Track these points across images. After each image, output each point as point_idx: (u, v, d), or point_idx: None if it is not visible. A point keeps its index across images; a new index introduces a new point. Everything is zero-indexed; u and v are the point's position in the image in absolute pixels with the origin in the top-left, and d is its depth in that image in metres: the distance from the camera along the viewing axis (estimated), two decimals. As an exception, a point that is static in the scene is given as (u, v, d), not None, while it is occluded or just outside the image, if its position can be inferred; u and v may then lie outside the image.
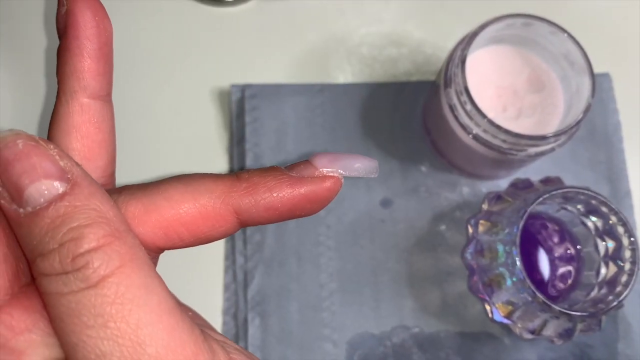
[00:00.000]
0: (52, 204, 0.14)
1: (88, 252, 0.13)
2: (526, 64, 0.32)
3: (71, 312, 0.13)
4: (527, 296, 0.27)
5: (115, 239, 0.14)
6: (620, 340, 0.32)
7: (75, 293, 0.13)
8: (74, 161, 0.15)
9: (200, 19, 0.37)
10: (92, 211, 0.14)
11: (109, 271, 0.13)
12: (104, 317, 0.13)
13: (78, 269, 0.13)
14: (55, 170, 0.14)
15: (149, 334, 0.14)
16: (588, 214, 0.30)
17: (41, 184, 0.14)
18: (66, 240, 0.14)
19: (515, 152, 0.30)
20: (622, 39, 0.38)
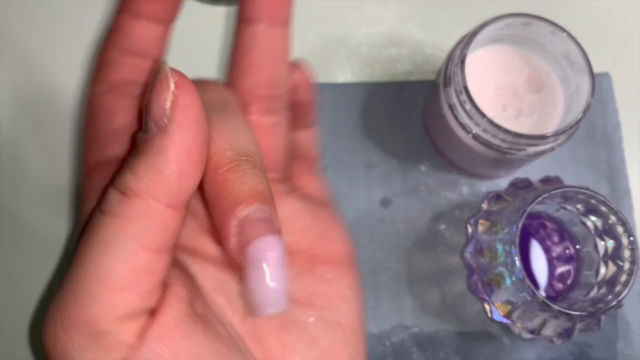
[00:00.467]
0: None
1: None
2: (526, 63, 0.32)
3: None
4: (526, 296, 0.27)
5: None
6: (620, 339, 0.32)
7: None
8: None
9: (200, 18, 0.37)
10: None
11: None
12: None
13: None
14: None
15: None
16: (587, 214, 0.30)
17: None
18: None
19: (515, 152, 0.30)
20: (622, 39, 0.38)
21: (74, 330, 0.15)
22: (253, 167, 0.17)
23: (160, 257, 0.16)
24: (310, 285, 0.20)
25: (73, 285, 0.16)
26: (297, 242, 0.20)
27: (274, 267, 0.16)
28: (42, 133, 0.34)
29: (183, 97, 0.15)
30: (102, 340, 0.15)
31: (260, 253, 0.15)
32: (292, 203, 0.20)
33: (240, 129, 0.18)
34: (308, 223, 0.20)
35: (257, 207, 0.16)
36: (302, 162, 0.23)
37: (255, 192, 0.16)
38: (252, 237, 0.15)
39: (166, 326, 0.16)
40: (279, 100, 0.19)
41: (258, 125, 0.19)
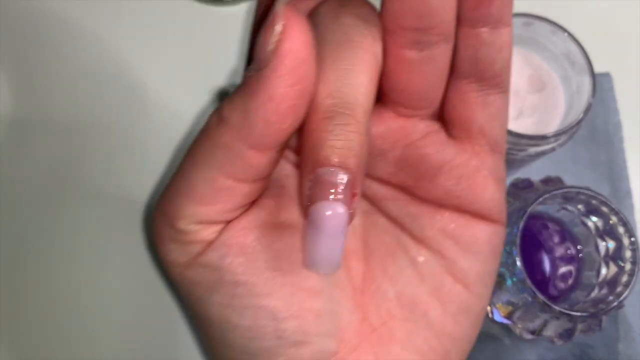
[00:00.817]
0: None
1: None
2: (527, 63, 0.32)
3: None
4: (527, 296, 0.27)
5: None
6: (621, 340, 0.32)
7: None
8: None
9: (200, 18, 0.37)
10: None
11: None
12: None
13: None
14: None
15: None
16: (588, 214, 0.30)
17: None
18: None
19: (516, 152, 0.30)
20: (623, 39, 0.38)
21: (164, 223, 0.18)
22: (347, 122, 0.16)
23: (242, 185, 0.17)
24: (436, 227, 0.19)
25: (171, 185, 0.18)
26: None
27: (330, 234, 0.15)
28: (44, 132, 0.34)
29: (286, 44, 0.15)
30: (182, 236, 0.17)
31: (321, 216, 0.15)
32: (440, 138, 0.19)
33: (354, 73, 0.16)
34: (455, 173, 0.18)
35: (333, 170, 0.15)
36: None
37: (338, 152, 0.15)
38: (320, 197, 0.15)
39: (240, 228, 0.17)
40: (432, 34, 0.16)
41: (398, 59, 0.17)
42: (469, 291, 0.19)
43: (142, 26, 0.37)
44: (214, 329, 0.18)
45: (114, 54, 0.36)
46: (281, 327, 0.17)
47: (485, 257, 0.19)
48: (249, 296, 0.17)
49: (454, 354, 0.19)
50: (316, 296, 0.18)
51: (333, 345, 0.18)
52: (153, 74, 0.36)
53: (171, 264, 0.18)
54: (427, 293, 0.19)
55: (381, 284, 0.19)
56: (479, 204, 0.19)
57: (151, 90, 0.36)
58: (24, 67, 0.35)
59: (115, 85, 0.35)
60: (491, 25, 0.17)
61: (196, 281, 0.18)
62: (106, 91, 0.35)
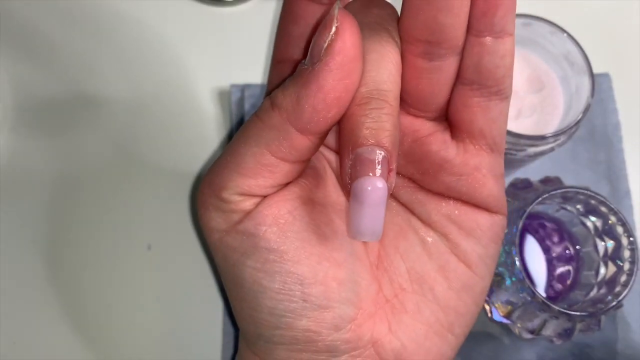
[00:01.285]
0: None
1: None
2: (526, 64, 0.32)
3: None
4: (526, 296, 0.27)
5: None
6: (620, 340, 0.32)
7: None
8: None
9: (200, 18, 0.37)
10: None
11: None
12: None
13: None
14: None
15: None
16: (587, 214, 0.30)
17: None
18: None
19: (515, 152, 0.30)
20: (622, 39, 0.38)
21: (210, 192, 0.20)
22: (381, 106, 0.17)
23: (284, 164, 0.19)
24: (441, 212, 0.21)
25: (220, 159, 0.20)
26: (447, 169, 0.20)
27: (371, 206, 0.17)
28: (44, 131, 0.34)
29: (339, 43, 0.17)
30: (225, 205, 0.19)
31: (363, 191, 0.17)
32: (444, 137, 0.20)
33: (383, 63, 0.18)
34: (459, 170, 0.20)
35: (372, 149, 0.17)
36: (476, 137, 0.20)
37: (374, 133, 0.17)
38: (360, 174, 0.17)
39: (275, 201, 0.19)
40: (442, 48, 0.18)
41: (409, 64, 0.19)
42: (471, 271, 0.21)
43: (142, 25, 0.37)
44: (245, 291, 0.20)
45: (113, 53, 0.36)
46: (307, 292, 0.19)
47: (487, 242, 0.21)
48: (280, 262, 0.19)
49: (458, 327, 0.21)
50: (339, 267, 0.20)
51: (352, 311, 0.20)
52: (153, 73, 0.36)
53: (212, 230, 0.20)
54: (435, 270, 0.21)
55: (394, 260, 0.21)
56: (479, 198, 0.20)
57: (151, 89, 0.36)
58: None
59: (114, 85, 0.35)
60: (495, 35, 0.18)
61: (233, 246, 0.20)
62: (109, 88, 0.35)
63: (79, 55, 0.36)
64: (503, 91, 0.19)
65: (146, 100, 0.36)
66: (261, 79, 0.36)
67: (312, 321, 0.19)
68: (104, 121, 0.34)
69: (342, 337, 0.20)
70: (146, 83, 0.36)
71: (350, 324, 0.20)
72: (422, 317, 0.21)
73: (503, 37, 0.18)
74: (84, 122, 0.34)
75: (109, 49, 0.36)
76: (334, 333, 0.20)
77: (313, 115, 0.18)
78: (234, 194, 0.19)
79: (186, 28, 0.37)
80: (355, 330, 0.20)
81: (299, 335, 0.19)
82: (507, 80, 0.19)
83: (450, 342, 0.21)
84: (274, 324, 0.20)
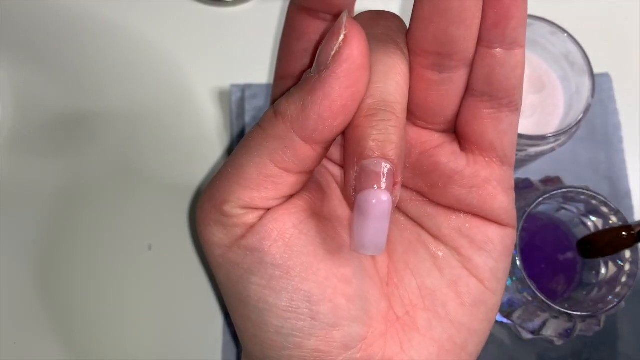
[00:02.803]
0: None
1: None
2: (526, 64, 0.32)
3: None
4: (527, 296, 0.27)
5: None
6: (620, 340, 0.32)
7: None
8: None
9: (200, 19, 0.37)
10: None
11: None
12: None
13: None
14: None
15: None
16: (588, 214, 0.30)
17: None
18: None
19: (515, 152, 0.30)
20: (623, 39, 0.38)
21: (211, 205, 0.19)
22: (388, 118, 0.17)
23: (288, 175, 0.18)
24: (452, 226, 0.20)
25: (221, 172, 0.19)
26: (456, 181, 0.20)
27: (375, 219, 0.17)
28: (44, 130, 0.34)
29: (346, 51, 0.17)
30: (227, 219, 0.19)
31: (367, 203, 0.17)
32: (453, 149, 0.20)
33: (391, 75, 0.18)
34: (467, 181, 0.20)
35: (377, 161, 0.17)
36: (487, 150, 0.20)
37: (380, 145, 0.17)
38: (365, 187, 0.17)
39: (280, 214, 0.19)
40: (452, 60, 0.18)
41: (419, 77, 0.19)
42: (483, 286, 0.20)
43: (142, 26, 0.37)
44: (250, 310, 0.19)
45: (113, 53, 0.36)
46: (315, 309, 0.18)
47: (498, 256, 0.20)
48: (286, 278, 0.18)
49: (471, 345, 0.20)
50: (348, 283, 0.19)
51: (362, 330, 0.19)
52: (153, 73, 0.36)
53: (214, 245, 0.19)
54: (446, 285, 0.20)
55: (404, 276, 0.21)
56: (489, 211, 0.20)
57: (151, 89, 0.36)
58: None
59: (114, 85, 0.35)
60: (506, 46, 0.18)
61: (237, 262, 0.19)
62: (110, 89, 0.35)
63: (80, 56, 0.36)
64: (514, 103, 0.19)
65: (146, 100, 0.36)
66: (261, 79, 0.36)
67: (321, 340, 0.19)
68: (105, 122, 0.34)
69: (353, 357, 0.19)
70: (146, 83, 0.36)
71: (360, 344, 0.19)
72: (435, 334, 0.20)
73: (514, 48, 0.18)
74: (85, 122, 0.34)
75: (109, 50, 0.36)
76: (344, 353, 0.19)
77: (318, 123, 0.17)
78: (236, 207, 0.19)
79: (186, 28, 0.37)
80: (366, 350, 0.19)
81: (308, 355, 0.19)
82: (518, 91, 0.19)
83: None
84: (281, 344, 0.19)
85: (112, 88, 0.35)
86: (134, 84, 0.36)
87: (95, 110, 0.35)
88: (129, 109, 0.35)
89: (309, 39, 0.20)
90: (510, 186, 0.20)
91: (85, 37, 0.36)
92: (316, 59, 0.17)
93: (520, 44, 0.18)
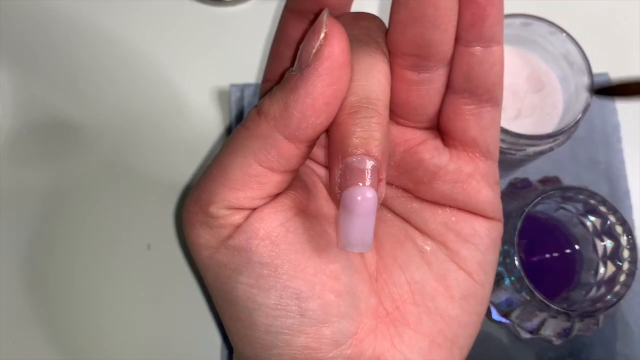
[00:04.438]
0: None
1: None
2: (525, 64, 0.32)
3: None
4: (525, 295, 0.27)
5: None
6: (619, 339, 0.32)
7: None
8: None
9: (200, 18, 0.37)
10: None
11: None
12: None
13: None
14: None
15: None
16: (587, 214, 0.30)
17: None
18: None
19: (514, 152, 0.30)
20: (622, 39, 0.38)
21: (197, 207, 0.19)
22: (371, 115, 0.17)
23: (272, 174, 0.18)
24: (438, 220, 0.21)
25: (206, 173, 0.20)
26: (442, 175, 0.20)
27: (361, 216, 0.17)
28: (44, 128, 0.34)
29: (327, 48, 0.17)
30: (213, 220, 0.19)
31: (353, 200, 0.17)
32: (436, 144, 0.20)
33: (372, 73, 0.18)
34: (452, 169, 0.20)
35: (361, 158, 0.17)
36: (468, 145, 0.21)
37: (364, 142, 0.17)
38: (350, 183, 0.17)
39: (266, 213, 0.19)
40: (430, 61, 0.18)
41: (398, 77, 0.19)
42: (471, 279, 0.20)
43: (142, 25, 0.37)
44: (239, 310, 0.19)
45: (113, 53, 0.36)
46: (304, 306, 0.18)
47: (485, 249, 0.21)
48: (274, 276, 0.18)
49: (462, 338, 0.21)
50: (337, 279, 0.19)
51: (352, 326, 0.19)
52: (152, 73, 0.36)
53: (201, 247, 0.19)
54: (435, 279, 0.20)
55: (393, 272, 0.21)
56: (474, 205, 0.20)
57: (150, 89, 0.36)
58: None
59: (114, 85, 0.35)
60: (484, 44, 0.18)
61: (224, 263, 0.19)
62: (109, 93, 0.35)
63: (79, 56, 0.36)
64: (494, 98, 0.19)
65: (146, 100, 0.36)
66: (260, 78, 0.36)
67: (311, 337, 0.19)
68: (105, 122, 0.34)
69: (343, 353, 0.19)
70: (146, 83, 0.36)
71: (351, 339, 0.19)
72: (425, 329, 0.20)
73: (492, 46, 0.18)
74: (84, 122, 0.34)
75: (108, 50, 0.36)
76: (334, 349, 0.19)
77: (301, 121, 0.17)
78: (222, 208, 0.19)
79: (186, 28, 0.37)
80: (357, 346, 0.19)
81: (298, 353, 0.19)
82: (498, 87, 0.19)
83: (455, 355, 0.21)
84: (271, 342, 0.19)
85: (111, 88, 0.35)
86: (133, 84, 0.36)
87: (95, 110, 0.35)
88: (128, 109, 0.35)
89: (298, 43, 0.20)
90: (495, 180, 0.21)
91: (85, 37, 0.36)
92: (297, 57, 0.18)
93: (497, 41, 0.18)
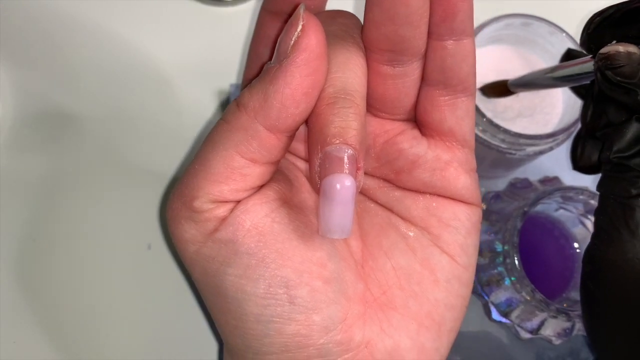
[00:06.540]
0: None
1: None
2: (525, 63, 0.32)
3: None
4: (525, 295, 0.27)
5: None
6: (619, 339, 0.32)
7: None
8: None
9: (200, 18, 0.37)
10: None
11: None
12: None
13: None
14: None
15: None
16: (587, 214, 0.30)
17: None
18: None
19: (514, 152, 0.30)
20: (621, 39, 0.38)
21: (181, 203, 0.19)
22: (348, 106, 0.18)
23: (254, 166, 0.19)
24: (420, 206, 0.21)
25: (189, 168, 0.20)
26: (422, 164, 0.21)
27: (341, 202, 0.17)
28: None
29: (305, 40, 0.17)
30: (198, 215, 0.19)
31: (332, 188, 0.17)
32: (414, 134, 0.21)
33: (349, 65, 0.19)
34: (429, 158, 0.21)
35: (340, 147, 0.17)
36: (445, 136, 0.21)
37: (342, 132, 0.17)
38: (329, 172, 0.17)
39: (251, 204, 0.19)
40: (405, 56, 0.19)
41: (375, 72, 0.20)
42: (454, 261, 0.21)
43: (142, 25, 0.37)
44: (229, 302, 0.19)
45: (113, 53, 0.36)
46: (293, 294, 0.19)
47: (466, 232, 0.21)
48: (262, 266, 0.19)
49: (449, 321, 0.21)
50: (324, 266, 0.20)
51: (341, 311, 0.20)
52: (152, 73, 0.36)
53: (187, 242, 0.20)
54: (419, 264, 0.21)
55: (378, 258, 0.21)
56: (453, 191, 0.21)
57: (150, 89, 0.36)
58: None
59: (114, 85, 0.35)
60: (456, 38, 0.19)
61: (212, 256, 0.19)
62: (109, 87, 0.35)
63: (78, 55, 0.36)
64: (468, 89, 0.20)
65: (146, 99, 0.36)
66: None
67: (301, 324, 0.19)
68: (105, 122, 0.34)
69: (333, 339, 0.19)
70: (146, 83, 0.36)
71: (340, 325, 0.19)
72: (412, 312, 0.21)
73: (463, 39, 0.19)
74: (84, 122, 0.34)
75: (107, 48, 0.36)
76: (324, 335, 0.19)
77: (281, 111, 0.18)
78: (206, 202, 0.19)
79: (186, 28, 0.37)
80: (347, 331, 0.20)
81: (289, 341, 0.19)
82: (471, 78, 0.20)
83: (443, 338, 0.21)
84: (262, 331, 0.19)
85: (111, 87, 0.35)
86: (133, 84, 0.36)
87: (95, 110, 0.35)
88: (128, 109, 0.35)
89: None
90: (472, 168, 0.22)
91: (84, 36, 0.36)
92: (276, 49, 0.18)
93: (468, 34, 0.19)
